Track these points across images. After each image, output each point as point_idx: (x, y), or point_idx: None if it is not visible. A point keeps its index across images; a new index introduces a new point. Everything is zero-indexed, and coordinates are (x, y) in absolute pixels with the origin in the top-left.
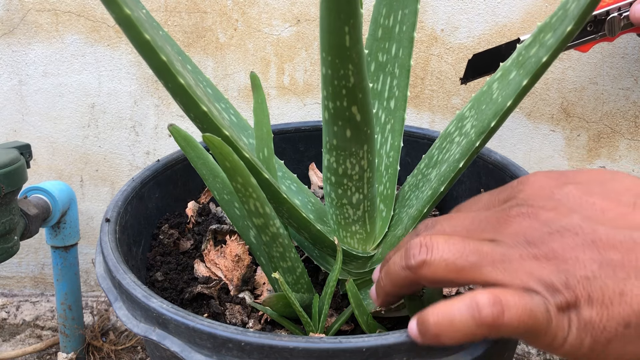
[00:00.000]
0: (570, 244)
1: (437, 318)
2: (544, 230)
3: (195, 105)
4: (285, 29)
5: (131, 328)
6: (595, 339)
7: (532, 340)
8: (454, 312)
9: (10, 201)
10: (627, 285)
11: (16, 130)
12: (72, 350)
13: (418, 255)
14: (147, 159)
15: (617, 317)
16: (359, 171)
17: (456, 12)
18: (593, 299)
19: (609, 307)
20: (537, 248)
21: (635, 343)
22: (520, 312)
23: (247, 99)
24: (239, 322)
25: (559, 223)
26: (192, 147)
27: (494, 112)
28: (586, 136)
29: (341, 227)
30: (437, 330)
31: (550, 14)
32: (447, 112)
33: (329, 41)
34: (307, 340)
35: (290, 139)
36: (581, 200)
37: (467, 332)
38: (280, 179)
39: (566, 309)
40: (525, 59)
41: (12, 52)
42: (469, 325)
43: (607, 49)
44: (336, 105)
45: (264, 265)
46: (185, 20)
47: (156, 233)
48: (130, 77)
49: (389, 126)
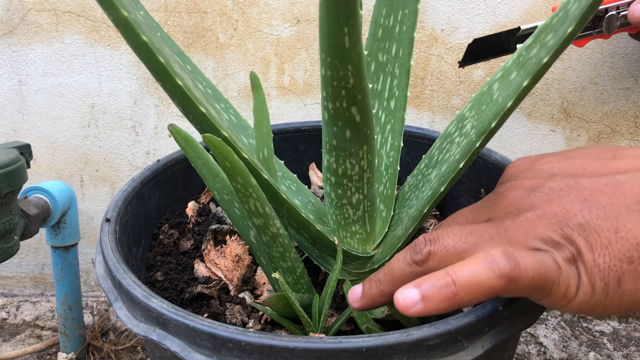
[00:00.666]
0: (558, 199)
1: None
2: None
3: (194, 106)
4: (285, 29)
5: (131, 328)
6: (605, 281)
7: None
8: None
9: (10, 201)
10: (619, 222)
11: (16, 130)
12: (72, 351)
13: (424, 249)
14: (147, 159)
15: (619, 254)
16: (358, 171)
17: (456, 12)
18: (591, 242)
19: (608, 246)
20: (527, 212)
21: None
22: (533, 263)
23: (247, 99)
24: (239, 322)
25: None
26: (192, 147)
27: (494, 112)
28: (586, 136)
29: (341, 227)
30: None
31: (551, 15)
32: (447, 112)
33: (329, 42)
34: (307, 341)
35: (290, 139)
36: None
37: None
38: (280, 179)
39: (572, 259)
40: (526, 60)
41: (12, 52)
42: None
43: (607, 49)
44: (336, 106)
45: (264, 265)
46: (185, 20)
47: (156, 233)
48: (130, 77)
49: (389, 126)
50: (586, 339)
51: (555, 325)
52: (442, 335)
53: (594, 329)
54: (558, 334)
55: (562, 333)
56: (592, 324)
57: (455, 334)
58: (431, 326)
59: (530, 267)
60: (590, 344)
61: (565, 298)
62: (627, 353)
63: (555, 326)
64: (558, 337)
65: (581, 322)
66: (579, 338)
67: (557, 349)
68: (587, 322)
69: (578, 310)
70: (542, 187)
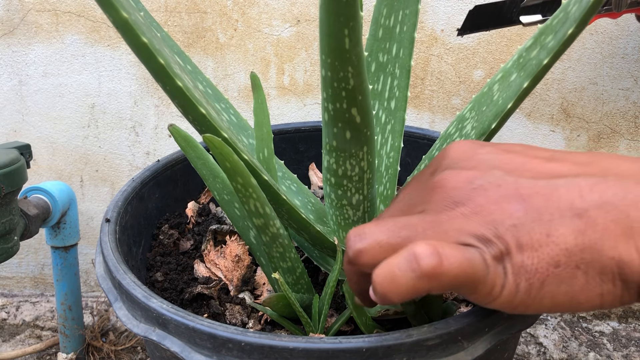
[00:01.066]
0: (495, 196)
1: (381, 278)
2: (468, 188)
3: (194, 107)
4: (285, 29)
5: (131, 328)
6: (529, 282)
7: (471, 291)
8: (394, 268)
9: (10, 201)
10: (552, 226)
11: (16, 130)
12: (72, 351)
13: (353, 246)
14: (147, 159)
15: (547, 257)
16: (358, 172)
17: (456, 12)
18: (522, 244)
19: (538, 249)
20: (464, 206)
21: (567, 282)
22: (459, 261)
23: (247, 99)
24: (239, 322)
25: (481, 179)
26: (192, 148)
27: (494, 113)
28: (586, 136)
29: (341, 228)
30: (384, 290)
31: (552, 16)
32: (447, 113)
33: (329, 44)
34: (307, 341)
35: (290, 139)
36: (501, 156)
37: (409, 286)
38: (280, 180)
39: (500, 258)
40: (526, 61)
41: (12, 53)
42: (410, 278)
43: (607, 49)
44: (336, 107)
45: (264, 266)
46: (185, 20)
47: (156, 233)
48: (130, 77)
49: (389, 127)
50: (586, 339)
51: (555, 326)
52: (442, 336)
53: (593, 329)
54: (558, 334)
55: (562, 333)
56: (592, 324)
57: (455, 334)
58: (431, 326)
59: (455, 265)
60: (590, 344)
61: (490, 296)
62: (627, 353)
63: (555, 326)
64: (558, 337)
65: (581, 323)
66: (579, 338)
67: (556, 349)
68: (587, 323)
69: (500, 308)
70: (482, 181)
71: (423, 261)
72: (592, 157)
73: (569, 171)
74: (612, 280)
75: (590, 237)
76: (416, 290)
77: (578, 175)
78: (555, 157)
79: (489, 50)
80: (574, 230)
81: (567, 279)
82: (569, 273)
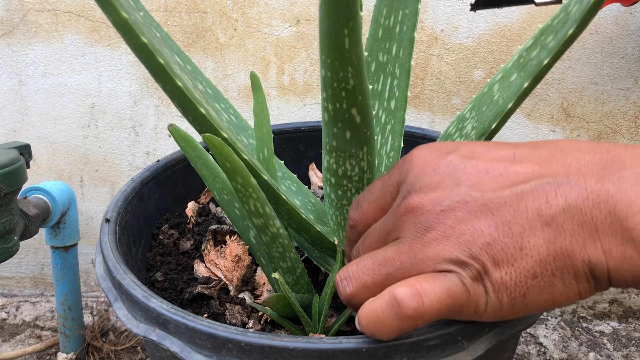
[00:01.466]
0: (464, 216)
1: (366, 321)
2: (436, 211)
3: (193, 107)
4: (285, 29)
5: (131, 328)
6: (511, 296)
7: (457, 315)
8: (378, 312)
9: (10, 201)
10: (523, 238)
11: (16, 130)
12: (71, 351)
13: (344, 292)
14: (147, 159)
15: (524, 270)
16: (358, 172)
17: (456, 12)
18: (498, 260)
19: (514, 264)
20: (434, 230)
21: (547, 290)
22: (439, 295)
23: (247, 99)
24: (239, 322)
25: (448, 199)
26: (192, 148)
27: (494, 113)
28: (586, 136)
29: (341, 228)
30: (371, 331)
31: (552, 16)
32: (447, 113)
33: (328, 44)
34: (307, 341)
35: (290, 139)
36: (464, 165)
37: (395, 327)
38: (280, 179)
39: (479, 278)
40: (527, 61)
41: (12, 52)
42: (395, 321)
43: (607, 49)
44: (336, 107)
45: (264, 266)
46: (185, 20)
47: (156, 233)
48: (130, 77)
49: (389, 127)
50: (586, 339)
51: (555, 326)
52: (442, 336)
53: (594, 329)
54: (558, 334)
55: (562, 333)
56: (592, 324)
57: (455, 334)
58: (431, 326)
59: (435, 300)
60: (590, 344)
61: (475, 314)
62: (627, 353)
63: (555, 326)
64: (558, 337)
65: (581, 322)
66: (579, 338)
67: (557, 349)
68: (587, 322)
69: (487, 320)
70: (449, 201)
71: (404, 304)
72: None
73: (532, 174)
74: (587, 280)
75: (561, 245)
76: (402, 329)
77: (541, 177)
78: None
79: (489, 50)
80: (545, 241)
81: (547, 288)
82: (547, 282)
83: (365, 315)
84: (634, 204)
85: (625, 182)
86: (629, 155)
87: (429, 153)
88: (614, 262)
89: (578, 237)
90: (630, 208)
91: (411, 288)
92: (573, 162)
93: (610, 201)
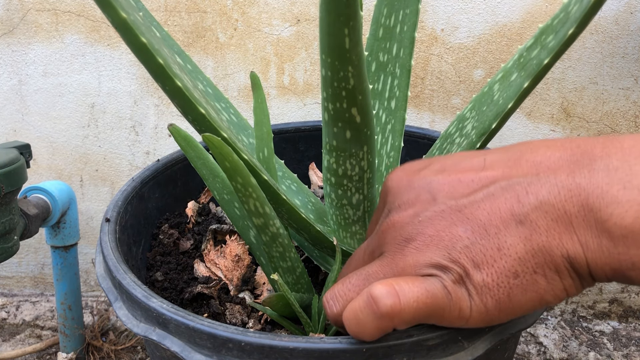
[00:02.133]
0: (442, 224)
1: (348, 322)
2: (415, 222)
3: (193, 107)
4: (285, 29)
5: (131, 328)
6: (495, 298)
7: (440, 319)
8: (357, 311)
9: (10, 201)
10: (500, 238)
11: (16, 130)
12: (72, 350)
13: (331, 313)
14: (147, 159)
15: (504, 270)
16: (359, 172)
17: (456, 12)
18: (478, 262)
19: (493, 264)
20: (415, 241)
21: (531, 288)
22: (417, 294)
23: (247, 98)
24: (239, 322)
25: (426, 211)
26: (192, 147)
27: (495, 113)
28: (586, 136)
29: (341, 228)
30: (354, 331)
31: (552, 16)
32: (447, 112)
33: (329, 43)
34: (307, 341)
35: (290, 139)
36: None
37: (374, 327)
38: (280, 179)
39: (460, 281)
40: (527, 61)
41: (12, 52)
42: (373, 320)
43: (607, 48)
44: (336, 107)
45: (264, 265)
46: (185, 20)
47: (156, 233)
48: (130, 77)
49: (390, 126)
50: (586, 339)
51: (555, 325)
52: (442, 336)
53: (594, 329)
54: (558, 333)
55: (562, 333)
56: (592, 324)
57: (455, 334)
58: (431, 326)
59: (412, 299)
60: (590, 344)
61: (460, 319)
62: (627, 353)
63: (555, 326)
64: (558, 337)
65: (581, 322)
66: (579, 338)
67: (557, 348)
68: (587, 322)
69: (476, 326)
70: (427, 212)
71: (381, 302)
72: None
73: (502, 175)
74: (569, 275)
75: (538, 241)
76: (382, 329)
77: (511, 178)
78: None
79: (489, 50)
80: (521, 239)
81: (530, 286)
82: (530, 279)
83: (347, 316)
84: (606, 195)
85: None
86: (599, 148)
87: (402, 173)
88: (592, 255)
89: (554, 232)
90: (603, 199)
91: (388, 287)
92: (543, 160)
93: (583, 194)
